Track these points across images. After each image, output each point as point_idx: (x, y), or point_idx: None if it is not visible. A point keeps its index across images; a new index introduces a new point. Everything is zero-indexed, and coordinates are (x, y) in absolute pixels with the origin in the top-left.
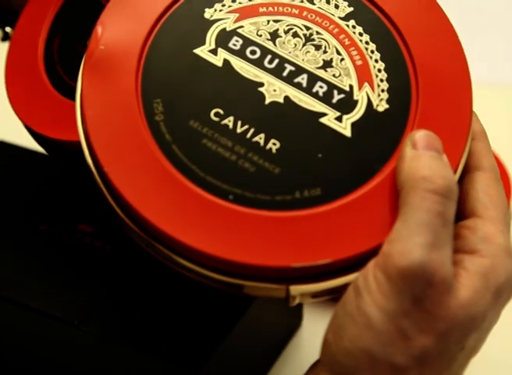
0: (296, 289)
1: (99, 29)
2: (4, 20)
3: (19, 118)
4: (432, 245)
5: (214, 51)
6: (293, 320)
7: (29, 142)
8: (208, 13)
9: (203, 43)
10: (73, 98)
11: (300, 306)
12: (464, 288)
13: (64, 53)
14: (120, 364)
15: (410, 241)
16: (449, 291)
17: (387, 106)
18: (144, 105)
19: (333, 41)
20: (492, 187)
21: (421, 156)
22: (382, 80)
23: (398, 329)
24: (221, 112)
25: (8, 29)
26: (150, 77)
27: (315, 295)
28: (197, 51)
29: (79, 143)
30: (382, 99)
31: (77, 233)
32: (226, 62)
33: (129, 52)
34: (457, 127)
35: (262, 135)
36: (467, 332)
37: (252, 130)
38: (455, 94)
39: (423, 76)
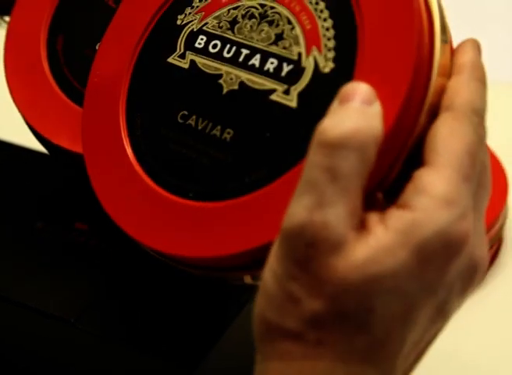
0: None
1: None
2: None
3: (25, 119)
4: (314, 205)
5: (182, 55)
6: None
7: (25, 141)
8: (180, 19)
9: (175, 50)
10: (82, 104)
11: None
12: (365, 245)
13: (71, 56)
14: (117, 363)
15: (296, 202)
16: (335, 252)
17: (333, 65)
18: (127, 122)
19: (285, 12)
20: (454, 130)
21: (336, 110)
22: (329, 39)
23: (287, 293)
24: (186, 113)
25: (6, 18)
26: (133, 96)
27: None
28: (170, 59)
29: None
30: (328, 59)
31: (73, 231)
32: (192, 62)
33: (116, 80)
34: (401, 74)
35: (219, 127)
36: (371, 294)
37: (210, 125)
38: (400, 41)
39: (369, 25)
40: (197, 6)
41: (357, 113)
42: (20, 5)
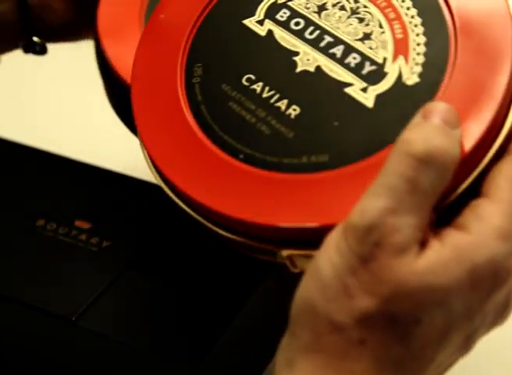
0: (286, 252)
1: None
2: (37, 31)
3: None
4: (390, 209)
5: (261, 22)
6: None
7: (25, 138)
8: None
9: (253, 14)
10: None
11: None
12: (425, 257)
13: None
14: (118, 361)
15: (370, 201)
16: (399, 257)
17: (417, 80)
18: (186, 68)
19: (378, 15)
20: None
21: (421, 124)
22: (418, 54)
23: (343, 285)
24: (252, 77)
25: (35, 38)
26: (197, 44)
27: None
28: (246, 21)
29: None
30: (413, 72)
31: (74, 229)
32: (270, 32)
33: (183, 22)
34: (485, 104)
35: (285, 101)
36: (423, 304)
37: (277, 96)
38: (492, 70)
39: (462, 51)
40: None
41: (443, 133)
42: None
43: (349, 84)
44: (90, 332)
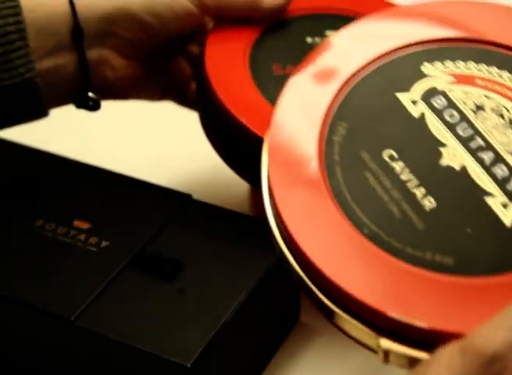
0: (386, 343)
1: None
2: (93, 87)
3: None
4: None
5: (415, 102)
6: (290, 315)
7: (24, 138)
8: (426, 67)
9: (407, 89)
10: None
11: (297, 301)
12: None
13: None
14: (118, 361)
15: (500, 330)
16: None
17: None
18: (330, 123)
19: None
20: None
21: None
22: None
23: None
24: (394, 155)
25: (91, 94)
26: (347, 103)
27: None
28: (399, 95)
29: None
30: None
31: (73, 229)
32: (422, 115)
33: (333, 78)
34: None
35: (423, 190)
36: None
37: (415, 182)
38: None
39: None
40: (449, 68)
41: None
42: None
43: (490, 194)
44: (89, 332)
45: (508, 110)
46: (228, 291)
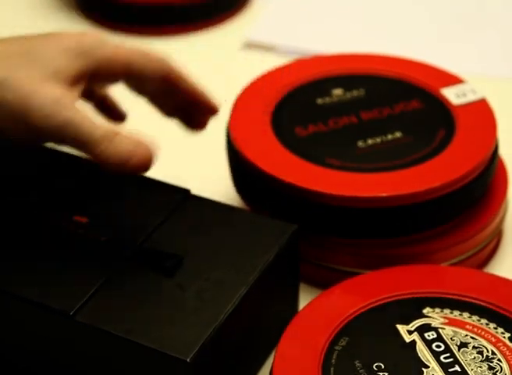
0: None
1: None
2: None
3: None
4: None
5: (410, 332)
6: (287, 310)
7: None
8: (427, 310)
9: (407, 324)
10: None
11: (295, 296)
12: None
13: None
14: (116, 355)
15: None
16: None
17: None
18: (335, 336)
19: (507, 370)
20: None
21: None
22: None
23: None
24: (382, 366)
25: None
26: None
27: None
28: (399, 326)
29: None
30: None
31: (72, 223)
32: (413, 341)
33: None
34: None
35: None
36: None
37: None
38: None
39: None
40: (445, 313)
41: None
42: None
43: None
44: (88, 327)
45: (488, 350)
46: (227, 286)
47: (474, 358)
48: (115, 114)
